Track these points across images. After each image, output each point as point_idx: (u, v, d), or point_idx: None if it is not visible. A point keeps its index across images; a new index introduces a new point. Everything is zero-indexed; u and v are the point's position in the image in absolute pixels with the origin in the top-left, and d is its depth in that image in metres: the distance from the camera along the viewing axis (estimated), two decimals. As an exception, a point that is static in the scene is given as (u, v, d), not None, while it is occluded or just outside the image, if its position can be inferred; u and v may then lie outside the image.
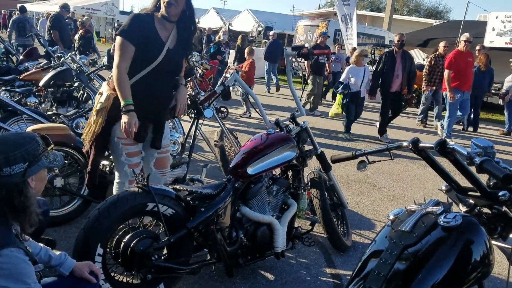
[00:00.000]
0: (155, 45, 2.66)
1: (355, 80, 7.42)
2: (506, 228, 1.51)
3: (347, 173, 5.56)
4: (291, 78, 3.49)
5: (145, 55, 2.65)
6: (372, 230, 3.96)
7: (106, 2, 26.56)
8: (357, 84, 7.45)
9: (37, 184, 1.74)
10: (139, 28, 2.62)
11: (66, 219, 3.38)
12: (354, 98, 7.51)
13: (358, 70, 7.49)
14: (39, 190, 1.79)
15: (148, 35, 2.63)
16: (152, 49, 2.66)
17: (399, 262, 1.35)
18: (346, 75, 7.56)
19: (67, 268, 1.93)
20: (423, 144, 1.59)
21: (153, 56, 2.66)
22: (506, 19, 12.28)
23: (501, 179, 1.32)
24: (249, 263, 2.77)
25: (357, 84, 7.45)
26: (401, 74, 7.43)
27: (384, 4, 33.00)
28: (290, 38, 21.72)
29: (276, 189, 2.94)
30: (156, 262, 2.32)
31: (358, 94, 7.56)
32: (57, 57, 6.94)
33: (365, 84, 7.69)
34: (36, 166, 1.70)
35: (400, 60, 7.45)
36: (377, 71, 7.55)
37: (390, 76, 7.41)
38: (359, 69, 7.51)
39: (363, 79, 7.49)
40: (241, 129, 7.51)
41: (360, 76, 7.47)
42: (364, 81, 7.53)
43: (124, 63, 2.59)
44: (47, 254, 1.95)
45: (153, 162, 2.95)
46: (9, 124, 4.13)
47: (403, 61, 7.44)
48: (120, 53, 2.59)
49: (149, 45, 2.64)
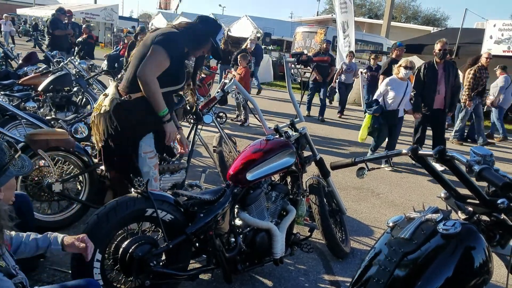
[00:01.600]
0: (183, 71, 2.74)
1: (394, 96, 5.99)
2: (504, 236, 1.52)
3: (346, 179, 5.56)
4: (290, 84, 3.50)
5: (173, 76, 2.69)
6: (371, 236, 3.96)
7: (105, 7, 26.70)
8: (396, 101, 6.02)
9: (6, 194, 1.68)
10: (181, 48, 2.68)
11: (65, 224, 3.37)
12: (389, 119, 6.09)
13: (399, 84, 6.00)
14: (8, 198, 1.73)
15: (183, 59, 2.71)
16: (181, 74, 2.73)
17: (399, 269, 1.35)
18: (384, 89, 6.09)
19: (57, 243, 1.88)
20: (422, 151, 1.60)
21: (180, 81, 2.75)
22: (504, 27, 12.35)
23: (500, 187, 1.33)
24: (247, 269, 2.76)
25: (396, 101, 6.02)
26: (444, 89, 6.29)
27: (382, 11, 33.20)
28: (288, 45, 21.80)
29: (275, 195, 2.94)
30: (155, 268, 2.31)
31: (394, 114, 6.12)
32: (56, 62, 6.95)
33: (406, 103, 6.26)
34: (4, 177, 1.61)
35: (442, 72, 6.30)
36: (417, 84, 6.34)
37: (430, 91, 6.26)
38: (401, 84, 6.01)
39: (403, 96, 6.04)
40: (240, 134, 7.52)
41: (400, 92, 6.00)
42: (404, 99, 6.11)
43: (156, 75, 2.59)
44: (32, 241, 1.88)
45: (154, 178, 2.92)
46: (7, 129, 4.12)
47: (446, 73, 6.30)
48: (157, 63, 2.59)
49: (179, 68, 2.70)
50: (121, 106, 2.63)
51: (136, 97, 2.65)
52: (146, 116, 2.67)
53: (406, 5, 45.27)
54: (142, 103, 2.64)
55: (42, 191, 3.29)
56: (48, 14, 26.17)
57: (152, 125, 2.73)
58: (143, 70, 2.56)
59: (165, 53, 2.58)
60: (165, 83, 2.67)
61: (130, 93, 2.66)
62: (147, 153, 2.73)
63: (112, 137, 2.69)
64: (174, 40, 2.64)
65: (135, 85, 2.65)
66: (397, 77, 6.05)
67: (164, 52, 2.58)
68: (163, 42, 2.59)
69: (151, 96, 2.58)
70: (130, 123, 2.65)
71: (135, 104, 2.65)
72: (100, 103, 2.72)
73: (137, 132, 2.70)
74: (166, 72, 2.64)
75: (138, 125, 2.67)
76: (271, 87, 16.23)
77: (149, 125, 2.72)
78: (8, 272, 1.61)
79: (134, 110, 2.65)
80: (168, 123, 2.71)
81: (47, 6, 31.58)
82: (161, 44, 2.58)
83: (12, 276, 1.63)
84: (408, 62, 5.96)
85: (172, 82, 2.71)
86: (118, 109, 2.64)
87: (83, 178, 3.46)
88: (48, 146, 3.20)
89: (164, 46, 2.58)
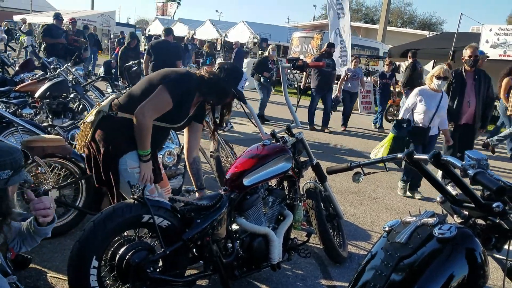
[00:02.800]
0: (184, 114, 2.70)
1: (425, 110, 4.94)
2: (500, 239, 1.53)
3: (343, 184, 5.57)
4: (286, 89, 3.51)
5: (171, 116, 2.63)
6: (368, 240, 3.96)
7: (102, 14, 26.74)
8: (428, 115, 4.96)
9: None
10: (190, 95, 2.63)
11: (61, 231, 3.35)
12: (417, 138, 5.02)
13: (432, 96, 4.95)
14: None
15: (185, 104, 2.65)
16: (181, 116, 2.69)
17: (395, 273, 1.35)
18: (413, 102, 5.05)
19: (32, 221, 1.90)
20: (417, 156, 1.61)
21: (178, 121, 2.70)
22: (500, 32, 12.44)
23: (494, 191, 1.33)
24: (245, 275, 2.76)
25: (428, 116, 4.96)
26: (475, 101, 5.52)
27: (378, 16, 33.39)
28: (285, 50, 21.87)
29: (272, 200, 2.94)
30: (152, 274, 2.30)
31: (424, 132, 5.01)
32: (52, 69, 6.95)
33: (442, 121, 5.14)
34: (17, 176, 1.73)
35: (472, 82, 5.53)
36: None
37: (457, 104, 5.52)
38: (433, 95, 4.95)
39: (436, 110, 4.95)
40: (237, 139, 7.52)
41: (433, 106, 4.94)
42: (438, 114, 5.00)
43: (155, 117, 2.55)
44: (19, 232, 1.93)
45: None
46: (4, 135, 4.11)
47: (476, 84, 5.53)
48: (158, 108, 2.53)
49: (180, 111, 2.65)
50: (106, 120, 2.59)
51: (122, 116, 2.59)
52: (130, 136, 2.58)
53: (402, 9, 45.56)
54: (127, 124, 2.56)
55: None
56: (44, 21, 26.20)
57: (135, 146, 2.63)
58: (142, 111, 2.49)
59: (169, 98, 2.52)
60: (161, 119, 2.62)
61: (119, 111, 2.61)
62: (133, 168, 2.61)
63: (95, 148, 2.64)
64: (184, 86, 2.58)
65: (127, 106, 2.61)
66: (429, 88, 5.03)
67: (168, 97, 2.52)
68: (172, 86, 2.54)
69: (139, 135, 2.52)
70: (111, 139, 2.58)
71: (121, 122, 2.59)
72: (92, 112, 2.70)
73: (118, 148, 2.59)
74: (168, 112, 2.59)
75: (120, 142, 2.58)
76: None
77: (133, 144, 2.60)
78: (3, 270, 1.64)
79: (118, 128, 2.59)
80: (145, 163, 2.59)
81: (44, 13, 31.60)
82: (169, 88, 2.53)
83: (7, 274, 1.65)
84: (442, 70, 4.93)
85: (168, 120, 2.65)
86: (102, 122, 2.59)
87: (79, 184, 3.45)
88: (44, 152, 3.19)
89: (171, 91, 2.53)
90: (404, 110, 5.19)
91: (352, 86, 9.91)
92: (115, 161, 2.60)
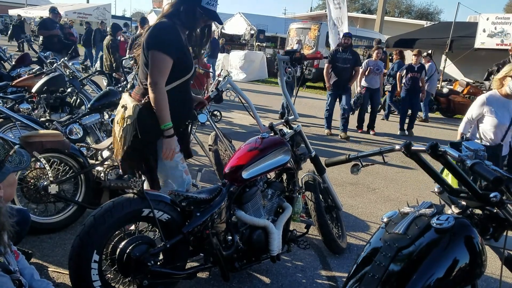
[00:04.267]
0: (189, 57, 2.64)
1: (496, 124, 3.73)
2: (498, 229, 1.54)
3: (341, 175, 5.59)
4: (284, 82, 3.51)
5: (182, 67, 2.57)
6: (367, 231, 3.99)
7: (98, 7, 26.58)
8: (501, 130, 3.75)
9: (6, 190, 1.68)
10: (177, 41, 2.53)
11: (61, 226, 3.37)
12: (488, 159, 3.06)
13: (504, 104, 3.72)
14: (9, 196, 1.73)
15: (184, 49, 2.58)
16: (188, 62, 2.62)
17: (394, 264, 1.37)
18: (478, 112, 3.82)
19: None
20: (415, 147, 1.62)
21: (189, 69, 2.63)
22: (497, 21, 12.42)
23: (491, 182, 1.35)
24: (245, 267, 2.77)
25: (500, 130, 3.75)
26: None
27: (376, 6, 33.23)
28: (282, 41, 21.80)
29: (271, 192, 2.95)
30: (152, 267, 2.32)
31: (495, 152, 3.82)
32: (49, 63, 6.92)
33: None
34: (0, 174, 1.63)
35: None
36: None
37: None
38: (506, 103, 3.73)
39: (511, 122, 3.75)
40: (235, 133, 7.52)
41: (506, 118, 3.73)
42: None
43: (164, 81, 2.48)
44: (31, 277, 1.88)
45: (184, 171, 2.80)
46: (2, 131, 4.11)
47: None
48: (160, 69, 2.46)
49: (184, 58, 2.58)
50: (144, 110, 2.52)
51: (146, 101, 2.54)
52: None
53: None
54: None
55: (38, 193, 3.28)
56: (40, 15, 26.02)
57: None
58: (151, 82, 2.46)
59: (164, 55, 2.46)
60: (176, 77, 2.57)
61: (141, 98, 2.57)
62: None
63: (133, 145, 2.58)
64: (165, 36, 2.50)
65: (143, 90, 2.59)
66: (499, 94, 3.76)
67: (162, 55, 2.45)
68: (157, 45, 2.47)
69: (158, 108, 2.47)
70: (152, 126, 2.54)
71: (147, 108, 2.53)
72: (122, 116, 2.59)
73: (157, 133, 2.56)
74: (176, 67, 2.53)
75: (157, 126, 2.53)
76: (266, 84, 16.23)
77: None
78: (5, 268, 1.62)
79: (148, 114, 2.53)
80: (168, 139, 2.52)
81: (39, 7, 31.38)
82: (156, 48, 2.46)
83: (10, 272, 1.64)
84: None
85: (182, 73, 2.60)
86: (141, 113, 2.52)
87: (79, 179, 3.46)
88: (43, 148, 3.19)
89: (159, 48, 2.46)
90: (464, 124, 3.97)
91: (373, 82, 8.44)
92: (154, 144, 2.58)
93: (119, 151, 2.62)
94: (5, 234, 1.62)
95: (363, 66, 8.33)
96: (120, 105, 2.67)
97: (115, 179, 3.60)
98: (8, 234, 1.64)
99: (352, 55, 7.82)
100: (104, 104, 4.71)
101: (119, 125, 2.59)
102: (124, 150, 2.57)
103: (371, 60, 8.56)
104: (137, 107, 2.52)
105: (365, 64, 8.45)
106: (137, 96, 2.63)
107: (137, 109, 2.51)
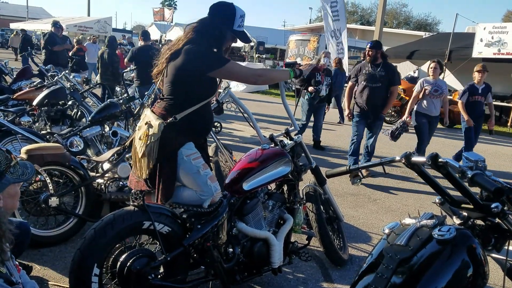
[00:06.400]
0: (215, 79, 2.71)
1: None
2: (499, 240, 1.54)
3: (342, 186, 5.57)
4: (284, 93, 3.52)
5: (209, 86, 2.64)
6: (369, 242, 3.97)
7: (99, 20, 26.73)
8: None
9: (7, 201, 1.67)
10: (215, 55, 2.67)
11: (62, 239, 3.36)
12: None
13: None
14: (11, 207, 1.72)
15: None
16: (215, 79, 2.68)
17: (396, 276, 1.36)
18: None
19: None
20: (415, 158, 1.62)
21: (216, 85, 2.71)
22: (494, 30, 12.48)
23: (492, 192, 1.35)
24: (246, 279, 2.76)
25: None
26: None
27: (374, 18, 33.48)
28: (282, 53, 21.93)
29: (271, 204, 2.94)
30: (153, 281, 2.31)
31: None
32: (50, 76, 6.96)
33: None
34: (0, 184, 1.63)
35: None
36: None
37: None
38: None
39: None
40: (236, 144, 7.53)
41: None
42: None
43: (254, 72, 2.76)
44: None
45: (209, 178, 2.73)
46: (3, 144, 4.12)
47: None
48: (241, 70, 2.67)
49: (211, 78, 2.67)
50: (167, 128, 2.50)
51: (181, 117, 2.54)
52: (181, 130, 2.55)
53: (397, 11, 45.78)
54: (186, 122, 2.55)
55: (38, 205, 3.28)
56: (41, 28, 26.19)
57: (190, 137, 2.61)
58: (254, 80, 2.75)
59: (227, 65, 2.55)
60: (206, 95, 2.62)
61: (175, 114, 2.53)
62: (189, 155, 2.55)
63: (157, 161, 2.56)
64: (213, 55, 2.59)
65: (177, 106, 2.57)
66: None
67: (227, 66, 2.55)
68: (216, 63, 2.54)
69: (273, 81, 3.02)
70: (173, 140, 2.53)
71: (182, 124, 2.54)
72: (145, 133, 2.55)
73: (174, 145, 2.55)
74: (200, 85, 2.57)
75: (175, 139, 2.54)
76: (266, 95, 16.29)
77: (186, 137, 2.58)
78: (8, 279, 1.61)
79: (181, 130, 2.55)
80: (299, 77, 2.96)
81: (40, 20, 31.62)
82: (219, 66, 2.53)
83: (13, 284, 1.63)
84: None
85: (209, 93, 2.64)
86: (165, 131, 2.50)
87: (79, 192, 3.46)
88: (44, 160, 3.20)
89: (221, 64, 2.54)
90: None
91: (432, 107, 6.42)
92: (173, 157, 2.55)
93: (144, 169, 2.58)
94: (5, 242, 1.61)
95: (417, 86, 6.53)
96: (143, 121, 2.63)
97: (116, 191, 3.61)
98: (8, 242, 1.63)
99: (385, 71, 5.70)
100: (105, 117, 4.72)
101: (142, 141, 2.56)
102: (150, 168, 2.55)
103: (428, 79, 6.48)
104: (161, 125, 2.49)
105: (420, 83, 6.51)
106: (159, 110, 2.60)
107: (161, 127, 2.49)
